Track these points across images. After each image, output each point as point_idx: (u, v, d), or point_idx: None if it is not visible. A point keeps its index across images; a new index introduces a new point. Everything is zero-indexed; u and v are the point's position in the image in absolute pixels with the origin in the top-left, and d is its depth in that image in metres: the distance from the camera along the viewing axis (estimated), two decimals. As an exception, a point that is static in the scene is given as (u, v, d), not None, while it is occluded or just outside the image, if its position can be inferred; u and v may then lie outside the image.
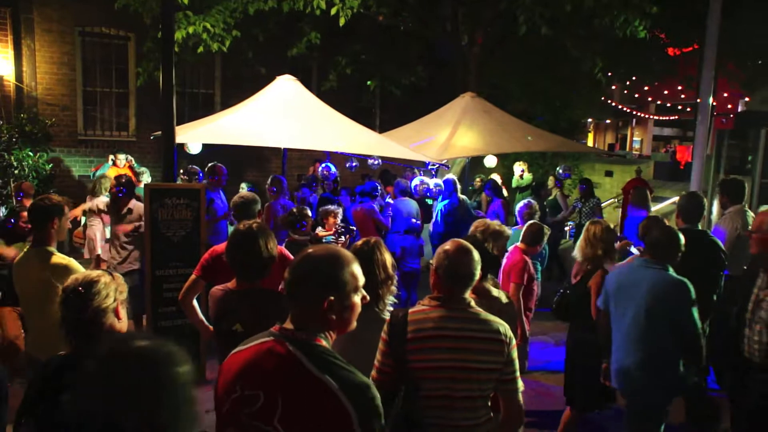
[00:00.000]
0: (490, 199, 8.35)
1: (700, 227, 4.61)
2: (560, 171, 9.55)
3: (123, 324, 2.15)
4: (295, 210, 5.38)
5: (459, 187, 7.21)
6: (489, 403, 2.34)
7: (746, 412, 3.08)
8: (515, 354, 2.30)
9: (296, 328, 1.69)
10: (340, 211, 5.78)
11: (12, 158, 8.93)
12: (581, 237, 4.05)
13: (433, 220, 7.30)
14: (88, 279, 2.08)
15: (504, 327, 2.30)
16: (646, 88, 16.93)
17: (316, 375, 1.58)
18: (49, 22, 9.85)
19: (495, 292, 3.12)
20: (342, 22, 7.77)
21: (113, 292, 2.09)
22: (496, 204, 8.24)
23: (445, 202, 7.07)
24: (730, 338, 3.28)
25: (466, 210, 7.14)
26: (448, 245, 2.36)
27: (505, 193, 10.35)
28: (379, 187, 7.31)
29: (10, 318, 4.36)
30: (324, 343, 1.69)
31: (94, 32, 10.40)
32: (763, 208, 3.79)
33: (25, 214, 3.61)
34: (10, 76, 9.71)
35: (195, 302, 3.48)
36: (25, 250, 3.37)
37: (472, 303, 2.33)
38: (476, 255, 2.35)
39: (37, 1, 9.73)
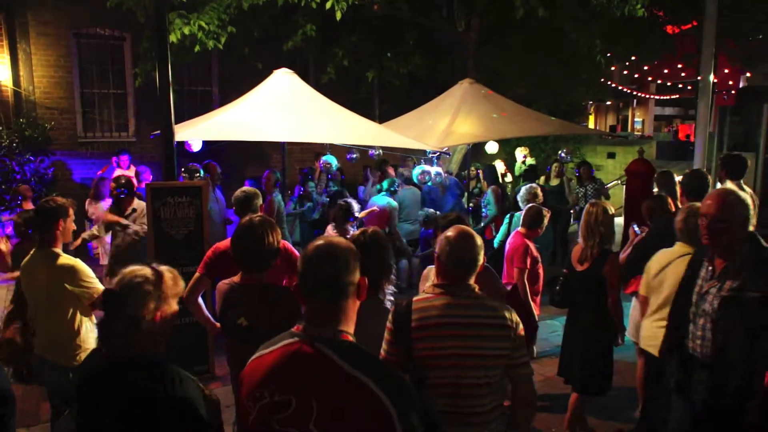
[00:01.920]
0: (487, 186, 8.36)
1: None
2: (562, 154, 9.51)
3: (163, 328, 1.95)
4: (343, 203, 5.52)
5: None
6: (497, 390, 2.33)
7: (695, 410, 2.83)
8: (523, 338, 2.29)
9: (319, 325, 1.63)
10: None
11: (13, 164, 8.96)
12: (581, 220, 4.02)
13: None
14: (130, 283, 1.91)
15: (510, 312, 2.28)
16: (645, 67, 16.79)
17: (350, 373, 1.53)
18: (43, 25, 9.82)
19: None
20: (338, 16, 7.72)
21: (156, 298, 1.91)
22: (486, 193, 8.25)
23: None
24: (674, 333, 3.01)
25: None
26: (450, 231, 2.34)
27: (509, 178, 10.33)
28: (397, 182, 7.39)
29: None
30: (351, 338, 1.65)
31: (89, 33, 10.36)
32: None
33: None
34: (7, 81, 9.70)
35: (200, 300, 3.49)
36: (32, 252, 3.38)
37: (477, 289, 2.32)
38: (479, 240, 2.34)
39: (31, 5, 9.69)
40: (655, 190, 5.88)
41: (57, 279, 3.23)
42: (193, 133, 6.53)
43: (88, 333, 3.36)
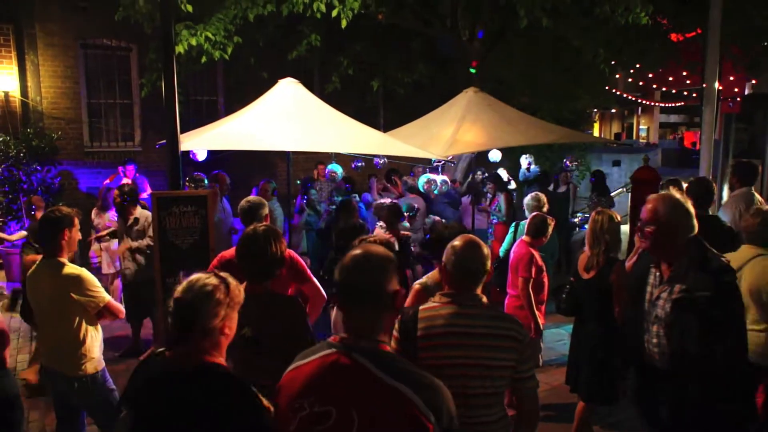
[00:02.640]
0: (495, 193, 8.34)
1: (710, 213, 4.57)
2: (566, 163, 9.51)
3: (228, 337, 1.95)
4: (391, 204, 5.69)
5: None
6: (503, 401, 2.33)
7: (656, 419, 2.75)
8: (530, 352, 2.30)
9: (357, 336, 1.63)
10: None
11: (21, 174, 9.02)
12: (588, 228, 4.01)
13: None
14: (201, 291, 1.85)
15: (517, 323, 2.28)
16: (650, 75, 16.79)
17: (390, 383, 1.53)
18: (51, 36, 9.92)
19: None
20: (344, 24, 7.76)
21: (225, 308, 1.88)
22: (499, 198, 8.23)
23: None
24: (630, 343, 2.91)
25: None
26: (457, 240, 2.34)
27: (513, 185, 10.32)
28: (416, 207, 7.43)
29: None
30: (389, 348, 1.65)
31: (96, 44, 10.46)
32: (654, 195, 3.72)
33: None
34: (15, 92, 9.79)
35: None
36: (37, 262, 3.39)
37: (484, 299, 2.31)
38: (485, 249, 2.33)
39: (39, 16, 9.80)
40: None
41: (62, 289, 3.24)
42: (199, 142, 6.57)
43: (94, 342, 3.36)
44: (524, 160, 10.57)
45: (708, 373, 2.52)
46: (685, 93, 20.59)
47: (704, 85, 7.08)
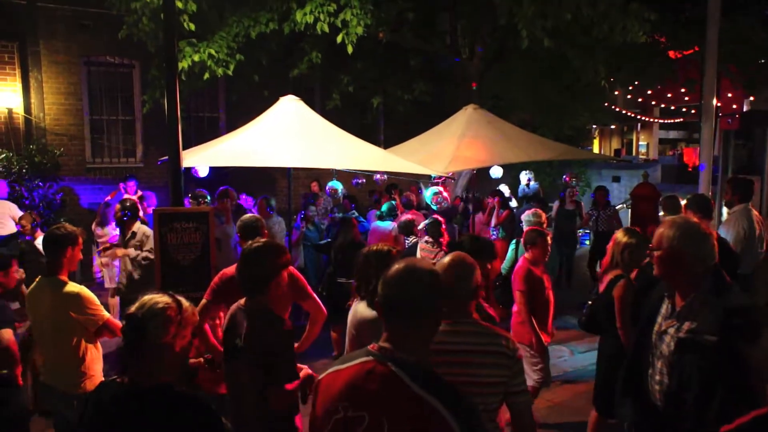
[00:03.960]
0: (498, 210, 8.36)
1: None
2: (566, 178, 9.55)
3: (179, 357, 1.94)
4: (434, 219, 5.99)
5: None
6: (496, 417, 2.32)
7: None
8: (521, 366, 2.30)
9: (394, 346, 1.67)
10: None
11: (23, 190, 9.05)
12: (611, 245, 4.01)
13: None
14: (152, 309, 1.89)
15: (508, 340, 2.28)
16: (649, 92, 16.90)
17: (421, 395, 1.56)
18: (55, 53, 10.02)
19: None
20: (350, 50, 7.86)
21: (177, 325, 1.90)
22: (502, 216, 8.25)
23: None
24: (630, 375, 2.71)
25: None
26: (447, 258, 2.36)
27: (514, 203, 10.36)
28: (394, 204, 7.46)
29: None
30: (425, 361, 1.69)
31: (99, 61, 10.56)
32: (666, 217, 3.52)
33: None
34: (18, 109, 9.86)
35: (207, 326, 3.49)
36: (37, 279, 3.39)
37: (474, 316, 2.33)
38: (475, 268, 2.34)
39: (43, 34, 9.91)
40: (661, 213, 5.88)
41: (62, 306, 3.23)
42: (201, 159, 6.60)
43: (94, 360, 3.36)
44: (524, 176, 10.62)
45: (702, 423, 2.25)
46: (684, 109, 20.70)
47: (702, 102, 7.14)
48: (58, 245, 3.31)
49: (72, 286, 3.28)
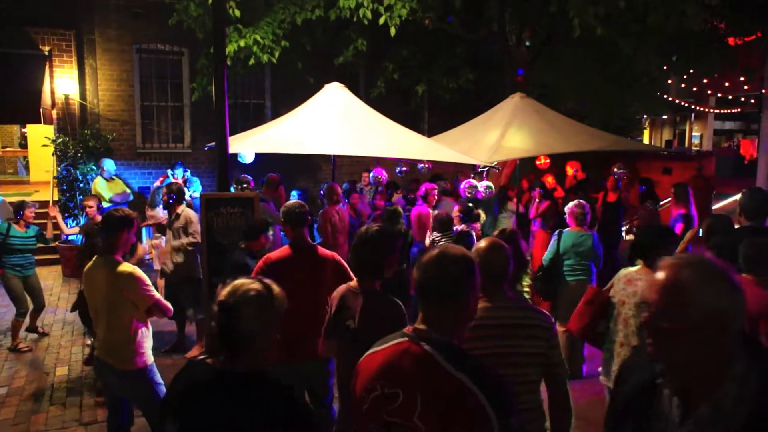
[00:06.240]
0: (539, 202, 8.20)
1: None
2: (616, 170, 9.26)
3: (269, 343, 1.89)
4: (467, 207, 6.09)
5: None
6: (537, 389, 2.42)
7: None
8: (558, 340, 2.43)
9: (428, 327, 1.74)
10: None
11: (78, 173, 9.41)
12: None
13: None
14: (244, 296, 1.84)
15: (543, 313, 2.42)
16: (704, 80, 16.23)
17: (453, 373, 1.62)
18: (108, 41, 10.33)
19: None
20: (393, 32, 7.81)
21: (267, 313, 1.86)
22: (543, 206, 8.08)
23: None
24: None
25: None
26: (482, 243, 2.47)
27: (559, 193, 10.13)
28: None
29: None
30: (457, 342, 1.75)
31: (150, 49, 10.84)
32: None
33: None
34: (75, 95, 10.24)
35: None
36: (94, 258, 3.52)
37: (510, 295, 2.45)
38: (507, 251, 2.43)
39: (98, 23, 10.23)
40: (714, 207, 5.64)
41: (115, 286, 3.35)
42: (247, 145, 6.70)
43: (144, 338, 3.47)
44: (570, 168, 10.36)
45: None
46: (742, 99, 19.80)
47: (763, 91, 6.79)
48: (116, 227, 3.42)
49: (126, 266, 3.39)
